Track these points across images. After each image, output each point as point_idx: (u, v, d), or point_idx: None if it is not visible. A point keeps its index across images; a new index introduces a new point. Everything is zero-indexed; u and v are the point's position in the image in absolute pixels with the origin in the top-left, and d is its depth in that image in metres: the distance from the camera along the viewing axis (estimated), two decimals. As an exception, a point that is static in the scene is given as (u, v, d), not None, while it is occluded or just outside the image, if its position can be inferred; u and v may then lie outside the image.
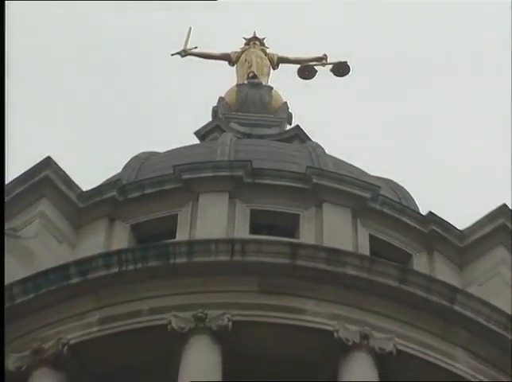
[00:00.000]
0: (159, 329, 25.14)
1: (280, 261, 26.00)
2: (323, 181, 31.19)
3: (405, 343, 25.28)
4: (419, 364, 25.31)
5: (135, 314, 25.56)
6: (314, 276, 25.94)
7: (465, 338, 25.90)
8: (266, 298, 25.76)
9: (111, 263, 26.36)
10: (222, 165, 32.11)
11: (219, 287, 25.82)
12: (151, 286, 25.89)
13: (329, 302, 25.69)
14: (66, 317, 25.66)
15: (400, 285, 25.94)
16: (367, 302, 25.73)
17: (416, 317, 25.81)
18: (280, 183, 31.49)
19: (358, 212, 30.97)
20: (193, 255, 26.24)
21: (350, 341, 24.72)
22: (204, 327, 24.80)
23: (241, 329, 25.06)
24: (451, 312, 25.90)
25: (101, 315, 25.60)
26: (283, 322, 25.44)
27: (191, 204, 30.80)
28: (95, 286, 26.04)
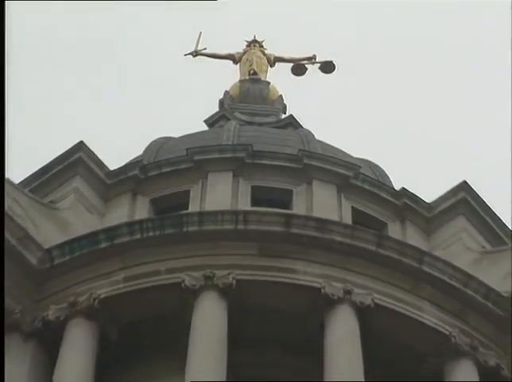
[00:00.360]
0: (174, 286, 25.49)
1: (276, 229, 26.56)
2: (312, 162, 31.76)
3: (381, 297, 25.65)
4: (393, 315, 25.61)
5: (154, 274, 26.02)
6: (305, 242, 26.40)
7: (431, 293, 26.23)
8: (264, 260, 26.20)
9: (134, 230, 26.92)
10: (227, 148, 32.65)
11: (224, 251, 26.23)
12: (167, 250, 26.32)
13: (317, 263, 26.11)
14: (96, 276, 26.08)
15: (377, 249, 26.48)
16: (350, 263, 26.17)
17: (390, 276, 26.23)
18: (276, 163, 32.02)
19: (342, 187, 31.39)
20: (203, 224, 26.77)
21: (335, 296, 25.12)
22: (212, 284, 25.22)
23: (243, 286, 25.43)
24: (419, 271, 26.32)
25: (125, 274, 26.07)
26: (278, 280, 25.85)
27: (201, 181, 31.21)
28: (121, 250, 26.51)
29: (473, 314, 26.45)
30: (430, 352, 25.77)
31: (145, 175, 31.76)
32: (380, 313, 25.55)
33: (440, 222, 31.37)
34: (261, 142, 33.55)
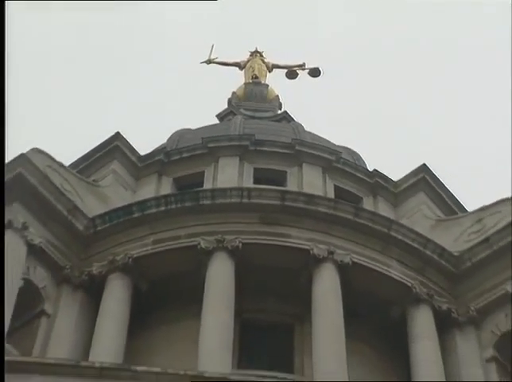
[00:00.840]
0: (192, 248, 25.98)
1: (273, 202, 27.05)
2: (302, 149, 31.88)
3: (358, 257, 26.15)
4: (367, 271, 26.13)
5: (176, 238, 26.51)
6: (296, 212, 26.86)
7: (398, 253, 26.63)
8: (264, 227, 26.64)
9: (160, 203, 27.41)
10: (234, 138, 32.74)
11: (232, 220, 26.67)
12: (186, 219, 26.81)
13: (306, 229, 26.58)
14: (130, 240, 26.61)
15: (354, 218, 26.95)
16: (332, 230, 26.57)
17: (365, 240, 26.68)
18: (274, 150, 32.12)
19: (326, 169, 31.53)
20: (215, 199, 27.21)
21: (320, 256, 25.67)
22: (222, 247, 25.73)
23: (247, 248, 25.90)
24: (388, 236, 26.80)
25: (153, 238, 26.53)
26: (276, 243, 26.34)
27: (213, 164, 31.31)
28: (149, 219, 26.96)
29: (430, 270, 26.81)
30: (396, 300, 26.11)
31: (169, 159, 31.91)
32: (356, 269, 25.96)
33: (404, 197, 31.43)
34: (261, 132, 33.56)
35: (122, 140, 31.45)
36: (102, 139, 31.75)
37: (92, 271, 26.16)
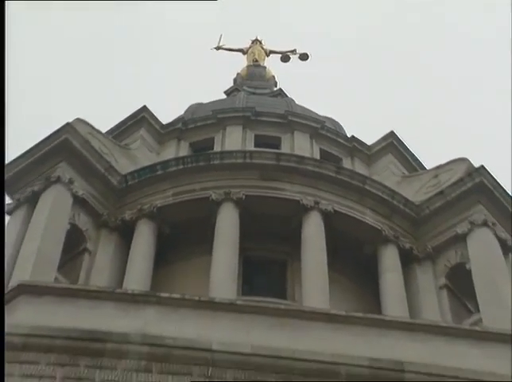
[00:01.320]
0: (205, 199, 26.38)
1: (271, 162, 27.48)
2: (294, 119, 32.02)
3: (339, 206, 26.54)
4: (346, 217, 26.54)
5: (192, 191, 26.85)
6: (289, 170, 27.23)
7: (371, 203, 27.00)
8: (263, 183, 27.01)
9: (179, 163, 27.78)
10: (238, 110, 32.85)
11: (237, 176, 27.05)
12: (200, 175, 27.13)
13: (297, 184, 26.94)
14: (154, 192, 26.98)
15: (336, 175, 27.33)
16: (318, 185, 26.93)
17: (344, 192, 26.99)
18: (270, 119, 32.26)
19: (313, 135, 31.69)
20: (223, 159, 27.70)
21: (308, 205, 26.13)
22: (229, 198, 26.16)
23: (249, 199, 26.28)
24: (363, 189, 27.13)
25: (173, 191, 26.92)
26: (272, 195, 26.75)
27: (221, 132, 31.45)
28: (170, 176, 27.29)
29: (396, 216, 27.23)
30: (369, 240, 26.61)
31: (186, 127, 32.12)
32: (338, 216, 26.39)
33: (376, 157, 31.59)
34: (260, 105, 33.53)
35: (147, 112, 31.63)
36: (131, 111, 31.96)
37: (125, 218, 26.60)
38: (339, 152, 31.69)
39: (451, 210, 26.57)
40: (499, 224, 26.22)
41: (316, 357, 19.62)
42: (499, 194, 26.70)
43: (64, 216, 25.09)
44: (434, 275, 25.84)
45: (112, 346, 19.51)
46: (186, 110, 34.18)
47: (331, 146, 31.71)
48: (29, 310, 20.29)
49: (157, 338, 19.67)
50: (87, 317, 20.22)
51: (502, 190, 26.85)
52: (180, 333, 19.95)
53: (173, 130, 31.76)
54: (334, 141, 31.95)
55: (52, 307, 20.60)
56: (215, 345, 19.58)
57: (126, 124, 31.44)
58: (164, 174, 27.39)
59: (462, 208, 26.46)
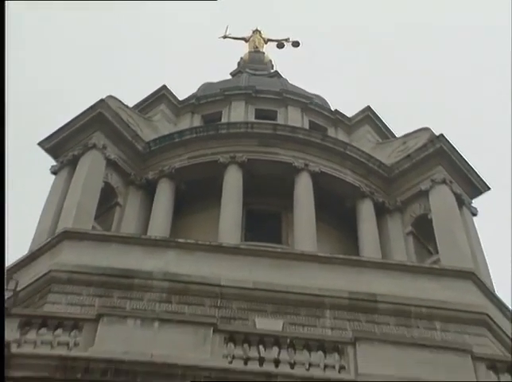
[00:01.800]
0: (214, 162, 26.43)
1: (268, 131, 27.49)
2: (288, 95, 31.64)
3: (325, 168, 26.61)
4: (330, 177, 26.58)
5: (203, 155, 26.89)
6: (284, 138, 27.16)
7: (351, 165, 27.02)
8: (262, 148, 26.98)
9: (193, 132, 27.79)
10: (242, 88, 32.45)
11: (240, 143, 27.01)
12: (210, 143, 27.16)
13: (290, 149, 26.90)
14: (173, 156, 27.03)
15: (322, 142, 27.35)
16: (307, 150, 26.97)
17: (329, 156, 27.03)
18: (268, 96, 31.84)
19: (303, 109, 31.29)
20: (229, 129, 27.66)
21: (299, 167, 26.19)
22: (234, 161, 26.24)
23: (250, 162, 26.37)
24: (345, 154, 27.15)
25: (188, 155, 26.93)
26: (269, 159, 26.74)
27: (228, 106, 30.96)
28: (185, 143, 27.27)
29: (372, 176, 27.25)
30: (349, 196, 26.60)
31: (198, 102, 31.64)
32: (323, 176, 26.48)
33: (355, 128, 31.40)
34: (260, 85, 33.12)
35: (166, 90, 31.42)
36: (153, 89, 31.76)
37: (148, 177, 26.63)
38: (325, 123, 31.27)
39: (416, 170, 26.67)
40: (455, 181, 26.34)
41: (306, 291, 20.28)
42: (455, 158, 26.70)
43: (99, 175, 25.18)
44: (402, 224, 25.94)
45: (139, 282, 20.23)
46: (198, 88, 33.83)
47: (318, 118, 31.29)
48: (72, 252, 20.90)
49: (175, 275, 20.39)
50: (118, 258, 20.88)
51: (457, 154, 26.81)
52: (195, 272, 20.55)
53: (188, 105, 31.44)
54: (320, 114, 31.59)
55: (91, 250, 21.17)
56: (223, 281, 20.27)
57: (149, 100, 31.17)
58: (180, 141, 27.35)
59: (425, 168, 26.52)
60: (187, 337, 15.38)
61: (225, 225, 24.06)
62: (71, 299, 19.28)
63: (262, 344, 15.47)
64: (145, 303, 19.56)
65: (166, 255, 21.26)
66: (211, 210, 25.35)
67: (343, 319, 19.79)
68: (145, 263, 20.81)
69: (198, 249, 21.68)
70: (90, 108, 26.61)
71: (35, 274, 20.40)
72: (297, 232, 24.44)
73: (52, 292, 19.59)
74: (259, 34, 40.53)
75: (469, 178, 26.96)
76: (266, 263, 21.47)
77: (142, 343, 15.04)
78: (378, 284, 20.96)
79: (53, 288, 19.79)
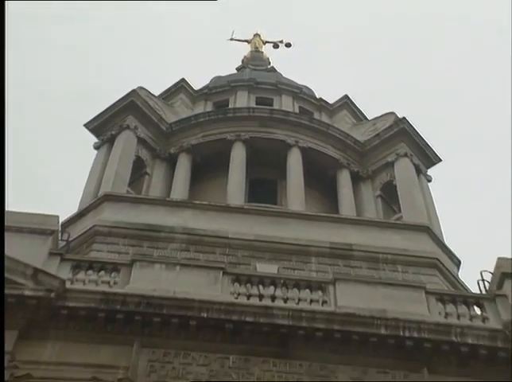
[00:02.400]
0: (223, 140, 26.18)
1: (266, 115, 27.10)
2: (282, 86, 31.11)
3: (311, 144, 26.33)
4: (315, 151, 26.32)
5: (214, 134, 26.56)
6: (278, 120, 26.85)
7: (332, 142, 26.61)
8: (261, 129, 26.58)
9: (206, 115, 27.57)
10: (245, 80, 31.77)
11: (244, 124, 26.66)
12: (220, 124, 26.81)
13: (284, 129, 26.51)
14: (190, 135, 26.73)
15: (309, 123, 27.17)
16: (298, 130, 26.58)
17: (315, 134, 26.67)
18: (266, 87, 31.24)
19: (294, 97, 30.56)
20: (235, 113, 27.41)
21: (291, 144, 25.94)
22: (239, 139, 26.00)
23: (252, 139, 26.05)
24: (327, 133, 26.86)
25: (202, 134, 26.63)
26: (267, 137, 26.37)
27: (234, 95, 30.38)
28: (200, 124, 26.96)
29: (349, 150, 26.94)
30: (331, 166, 26.31)
31: (210, 92, 31.03)
32: (310, 151, 26.23)
33: (335, 112, 30.77)
34: (259, 78, 32.47)
35: (185, 82, 30.95)
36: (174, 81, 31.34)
37: (171, 152, 26.40)
38: (311, 108, 30.71)
39: (384, 146, 26.53)
40: (414, 155, 26.29)
41: (296, 242, 20.49)
42: (415, 136, 26.65)
43: (132, 150, 25.07)
44: (372, 189, 25.77)
45: (164, 235, 20.44)
46: (210, 80, 33.28)
47: (306, 104, 30.71)
48: (111, 211, 21.13)
49: (192, 230, 20.58)
50: (147, 216, 21.03)
51: (416, 133, 26.77)
52: (208, 227, 20.71)
53: (202, 94, 30.97)
54: (308, 101, 30.89)
55: (125, 209, 21.37)
56: (230, 234, 20.46)
57: (171, 90, 30.64)
58: (196, 123, 27.08)
59: (391, 144, 26.40)
60: (202, 278, 15.53)
61: (231, 190, 23.91)
62: (110, 248, 19.47)
63: (262, 284, 15.66)
64: (168, 251, 19.67)
65: (185, 214, 21.32)
66: (220, 178, 25.08)
67: (325, 264, 19.91)
68: (168, 220, 20.89)
69: (210, 209, 21.75)
70: (124, 97, 26.41)
71: (82, 228, 20.63)
72: (289, 195, 24.24)
73: (96, 242, 19.81)
74: (259, 37, 39.55)
75: (425, 152, 26.82)
76: (265, 219, 21.53)
77: (167, 282, 15.19)
78: (353, 236, 21.11)
79: (97, 239, 19.98)
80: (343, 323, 14.55)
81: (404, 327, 14.48)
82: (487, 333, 14.56)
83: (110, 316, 14.35)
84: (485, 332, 14.59)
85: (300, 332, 14.45)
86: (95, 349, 13.91)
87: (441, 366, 14.33)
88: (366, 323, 14.53)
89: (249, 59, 38.20)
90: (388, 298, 15.34)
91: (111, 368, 13.67)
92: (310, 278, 16.60)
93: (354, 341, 14.40)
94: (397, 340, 14.37)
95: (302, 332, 14.45)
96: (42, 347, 13.83)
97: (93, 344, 13.98)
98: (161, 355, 14.08)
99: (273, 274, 16.78)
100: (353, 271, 19.49)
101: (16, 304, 13.75)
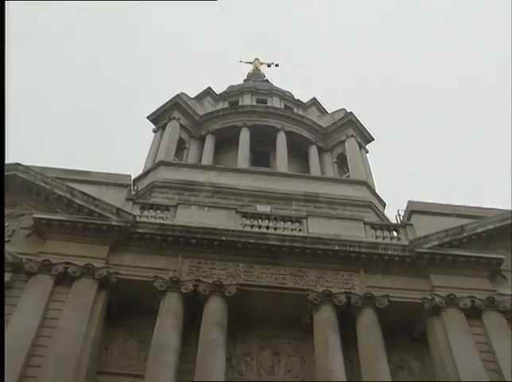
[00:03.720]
0: (235, 126, 24.83)
1: (263, 110, 26.00)
2: (273, 91, 29.76)
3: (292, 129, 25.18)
4: (295, 134, 24.78)
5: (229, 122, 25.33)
6: (271, 112, 25.75)
7: (306, 127, 25.12)
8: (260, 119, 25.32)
9: (224, 111, 26.42)
10: (249, 87, 30.35)
11: (248, 117, 25.42)
12: (232, 116, 25.67)
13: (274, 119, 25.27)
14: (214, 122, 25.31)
15: (291, 115, 25.77)
16: (282, 119, 25.32)
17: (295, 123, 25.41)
18: (263, 92, 29.57)
19: (281, 98, 28.83)
20: (243, 109, 26.20)
21: (279, 128, 24.95)
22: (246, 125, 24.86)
23: (254, 126, 24.90)
24: (303, 121, 25.23)
25: (221, 122, 25.38)
26: (264, 124, 25.16)
27: (242, 97, 28.94)
28: (220, 116, 25.49)
29: (317, 133, 25.52)
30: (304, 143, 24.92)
31: (227, 95, 29.30)
32: (291, 133, 24.77)
33: (307, 108, 28.73)
34: (259, 86, 30.87)
35: (210, 89, 29.92)
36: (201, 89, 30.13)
37: (201, 134, 25.34)
38: (292, 105, 28.89)
39: (339, 130, 25.85)
40: (357, 135, 25.47)
41: (282, 192, 20.27)
42: (357, 123, 25.84)
43: (176, 133, 24.47)
44: (331, 158, 25.06)
45: (197, 187, 20.12)
46: (226, 87, 32.13)
47: (288, 103, 29.12)
48: (163, 172, 20.91)
49: (215, 184, 20.26)
50: (186, 175, 20.73)
51: (359, 122, 25.80)
52: (225, 182, 20.40)
53: (221, 96, 29.87)
54: (290, 101, 29.61)
55: (173, 171, 20.93)
56: (240, 187, 20.18)
57: (202, 94, 29.61)
58: (217, 115, 26.16)
59: (343, 129, 25.75)
60: (221, 215, 15.33)
61: (241, 158, 23.32)
62: (163, 196, 19.39)
63: (260, 218, 15.54)
64: (200, 198, 19.40)
65: (210, 174, 21.01)
66: (233, 150, 24.17)
67: (301, 206, 19.72)
68: (200, 177, 20.62)
69: (227, 170, 21.47)
70: (172, 99, 25.81)
71: (146, 183, 20.46)
72: (278, 162, 23.59)
73: (154, 192, 19.69)
74: (258, 60, 38.00)
75: (364, 134, 26.16)
76: (262, 177, 21.23)
77: (200, 218, 15.03)
78: (319, 188, 20.83)
79: (155, 190, 19.80)
80: (312, 243, 14.43)
81: (350, 245, 14.39)
82: (400, 247, 14.44)
83: (163, 238, 14.18)
84: (399, 246, 14.47)
85: (285, 249, 14.33)
86: (155, 259, 13.84)
87: (372, 268, 14.22)
88: (326, 243, 14.42)
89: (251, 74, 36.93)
90: (340, 227, 15.17)
91: (166, 271, 13.64)
92: (291, 215, 16.40)
93: (319, 254, 14.31)
94: (345, 253, 14.30)
95: (286, 249, 14.34)
96: (123, 256, 13.78)
97: (154, 256, 13.88)
98: (196, 263, 14.00)
99: (268, 212, 16.65)
100: (319, 210, 19.28)
101: (106, 230, 13.79)
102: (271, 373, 13.07)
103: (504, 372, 11.88)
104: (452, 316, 13.02)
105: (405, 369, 13.20)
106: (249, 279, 13.65)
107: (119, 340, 13.11)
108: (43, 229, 13.60)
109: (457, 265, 13.92)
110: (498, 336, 12.48)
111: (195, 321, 13.13)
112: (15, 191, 14.33)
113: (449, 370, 12.18)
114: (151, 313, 13.11)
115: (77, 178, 14.92)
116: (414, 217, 15.51)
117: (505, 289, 13.61)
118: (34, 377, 10.98)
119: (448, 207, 15.65)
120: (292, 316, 13.61)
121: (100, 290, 12.94)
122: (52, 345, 11.52)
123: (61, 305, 12.35)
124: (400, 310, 13.45)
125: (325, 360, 12.23)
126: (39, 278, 12.64)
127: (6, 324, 11.36)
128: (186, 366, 12.21)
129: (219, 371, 11.97)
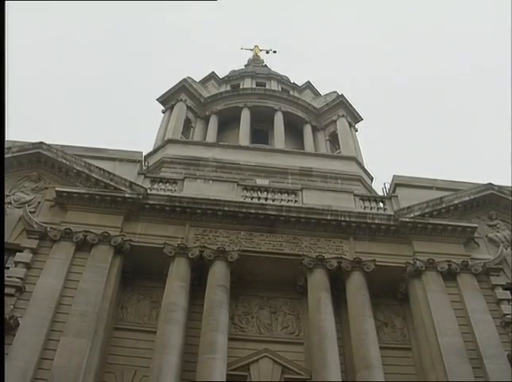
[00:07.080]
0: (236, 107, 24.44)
1: (262, 92, 25.37)
2: (271, 75, 29.07)
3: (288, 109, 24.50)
4: (291, 114, 24.51)
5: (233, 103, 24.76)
6: (269, 94, 25.16)
7: (301, 107, 24.59)
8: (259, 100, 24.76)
9: (226, 93, 25.63)
10: (249, 72, 29.60)
11: (248, 99, 24.91)
12: (234, 98, 25.07)
13: (272, 101, 24.80)
14: (217, 104, 24.89)
15: (287, 97, 25.21)
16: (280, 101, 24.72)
17: (290, 104, 24.79)
18: (262, 75, 28.98)
19: (278, 81, 28.07)
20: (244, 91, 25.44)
21: (277, 109, 24.32)
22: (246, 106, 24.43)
23: (254, 107, 24.41)
24: (297, 103, 25.04)
25: (224, 104, 24.77)
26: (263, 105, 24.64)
27: (243, 80, 28.14)
28: (222, 97, 25.14)
29: (310, 113, 24.85)
30: (299, 123, 24.53)
31: (229, 79, 28.47)
32: (288, 113, 24.49)
33: (302, 90, 28.21)
34: (258, 70, 30.16)
35: (214, 74, 29.14)
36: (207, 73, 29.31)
37: (205, 114, 24.97)
38: (288, 88, 28.08)
39: (331, 111, 25.40)
40: (347, 115, 25.14)
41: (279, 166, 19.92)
42: (348, 105, 25.29)
43: (183, 113, 24.06)
44: (324, 136, 24.70)
45: (202, 162, 19.75)
46: (229, 72, 31.12)
47: (285, 86, 28.37)
48: (172, 149, 20.54)
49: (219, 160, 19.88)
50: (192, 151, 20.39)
51: (349, 103, 25.28)
52: (228, 158, 20.03)
53: (224, 80, 29.05)
54: (286, 84, 28.82)
55: (180, 148, 20.66)
56: (241, 162, 19.83)
57: (205, 78, 28.93)
58: (220, 97, 25.60)
59: (334, 110, 25.30)
60: (225, 188, 15.13)
61: (242, 136, 22.93)
62: (172, 170, 19.14)
63: (259, 191, 15.30)
64: (205, 172, 19.10)
65: (214, 150, 20.64)
66: (235, 129, 23.82)
67: (296, 179, 19.44)
68: (205, 153, 20.27)
69: (229, 147, 21.00)
70: (179, 83, 25.17)
71: (156, 159, 20.13)
72: (276, 139, 23.25)
73: (163, 167, 19.41)
74: (257, 47, 36.89)
75: (354, 114, 25.55)
76: (261, 153, 20.88)
77: (205, 190, 14.86)
78: (312, 163, 20.53)
79: (164, 165, 19.50)
80: (307, 213, 14.26)
81: (340, 214, 14.22)
82: (385, 217, 14.33)
83: (172, 209, 14.05)
84: (384, 216, 14.35)
85: (282, 218, 14.21)
86: (165, 227, 13.71)
87: (360, 236, 14.12)
88: (319, 212, 14.24)
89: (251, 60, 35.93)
90: (332, 198, 15.01)
91: (174, 238, 13.52)
92: (287, 187, 16.16)
93: (313, 223, 14.14)
94: (337, 222, 14.15)
95: (283, 218, 14.24)
96: (136, 225, 13.66)
97: (164, 225, 13.76)
98: (202, 231, 13.86)
99: (266, 185, 16.39)
100: (312, 184, 19.00)
101: (121, 201, 13.67)
102: (269, 329, 13.22)
103: (474, 326, 12.22)
104: (431, 278, 13.15)
105: (389, 325, 13.43)
106: (249, 246, 13.55)
107: (133, 300, 13.24)
108: (64, 201, 13.63)
109: (436, 233, 13.99)
110: (470, 295, 12.74)
111: (201, 283, 13.22)
112: (40, 167, 14.36)
113: (428, 326, 12.42)
114: (161, 276, 13.17)
115: (94, 155, 14.71)
116: (399, 190, 15.42)
117: (477, 254, 13.84)
118: (60, 332, 11.22)
119: (429, 180, 15.61)
120: (288, 278, 13.69)
121: (116, 255, 12.96)
122: (74, 304, 11.70)
123: (81, 269, 12.41)
124: (385, 273, 13.53)
125: (318, 317, 12.34)
126: (62, 245, 12.73)
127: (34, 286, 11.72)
128: (193, 323, 12.39)
129: (224, 327, 12.04)
